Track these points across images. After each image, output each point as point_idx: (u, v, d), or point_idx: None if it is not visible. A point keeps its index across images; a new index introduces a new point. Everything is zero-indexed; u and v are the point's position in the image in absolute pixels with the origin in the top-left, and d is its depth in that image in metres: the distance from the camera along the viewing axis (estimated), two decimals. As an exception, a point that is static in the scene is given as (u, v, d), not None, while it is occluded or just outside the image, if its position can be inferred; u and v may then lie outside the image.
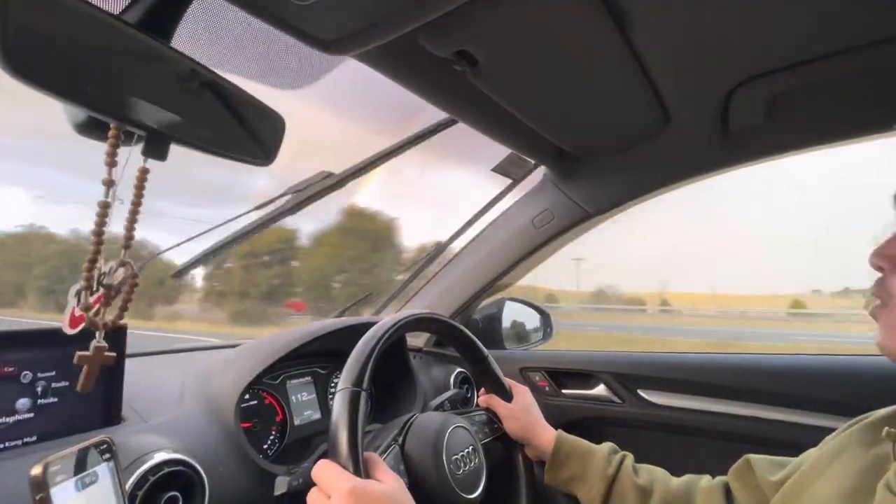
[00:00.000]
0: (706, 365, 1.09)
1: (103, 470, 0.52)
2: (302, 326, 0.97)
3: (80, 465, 0.50)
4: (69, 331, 0.55)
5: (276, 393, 0.93)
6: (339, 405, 0.59)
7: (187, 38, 0.53)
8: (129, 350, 0.74)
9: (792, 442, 0.80)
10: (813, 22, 0.61)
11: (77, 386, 0.50)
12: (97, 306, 0.50)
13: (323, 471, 0.56)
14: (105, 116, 0.43)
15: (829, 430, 0.61)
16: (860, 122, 0.82)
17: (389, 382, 1.11)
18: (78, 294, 0.52)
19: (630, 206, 1.12)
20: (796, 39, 0.65)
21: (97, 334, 0.51)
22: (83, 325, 0.56)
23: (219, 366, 0.88)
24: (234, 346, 1.00)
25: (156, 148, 0.46)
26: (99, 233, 0.47)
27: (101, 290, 0.49)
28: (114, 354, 0.53)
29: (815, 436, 0.63)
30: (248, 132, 0.55)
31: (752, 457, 0.69)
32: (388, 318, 0.71)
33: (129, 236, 0.50)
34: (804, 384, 0.98)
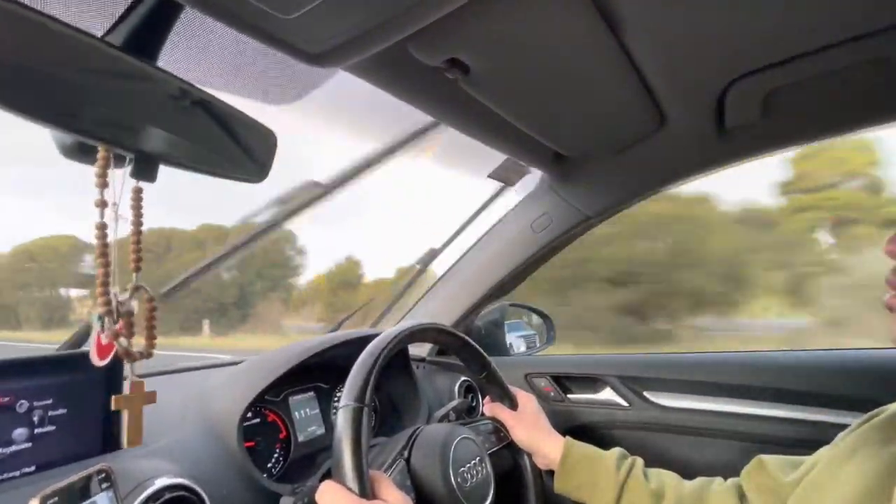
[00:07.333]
0: (713, 364, 1.07)
1: (103, 499, 0.51)
2: (303, 341, 0.96)
3: (79, 495, 0.49)
4: (98, 362, 0.53)
5: (279, 410, 0.92)
6: (341, 423, 0.58)
7: (173, 58, 0.52)
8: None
9: (805, 439, 0.79)
10: (805, 15, 0.61)
11: (124, 441, 0.50)
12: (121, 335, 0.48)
13: (328, 494, 0.54)
14: (93, 140, 0.42)
15: (843, 426, 0.60)
16: (857, 114, 0.81)
17: (393, 394, 1.09)
18: (101, 319, 0.51)
19: (627, 207, 1.11)
20: (790, 33, 0.65)
21: (126, 369, 0.49)
22: (112, 355, 0.54)
23: (220, 385, 0.87)
24: (234, 364, 0.99)
25: (145, 170, 0.45)
26: (104, 253, 0.45)
27: (122, 318, 0.47)
28: (155, 391, 0.52)
29: (828, 432, 0.62)
30: (240, 149, 0.54)
31: (765, 457, 0.67)
32: (388, 331, 0.70)
33: (137, 258, 0.49)
34: (814, 380, 0.96)
